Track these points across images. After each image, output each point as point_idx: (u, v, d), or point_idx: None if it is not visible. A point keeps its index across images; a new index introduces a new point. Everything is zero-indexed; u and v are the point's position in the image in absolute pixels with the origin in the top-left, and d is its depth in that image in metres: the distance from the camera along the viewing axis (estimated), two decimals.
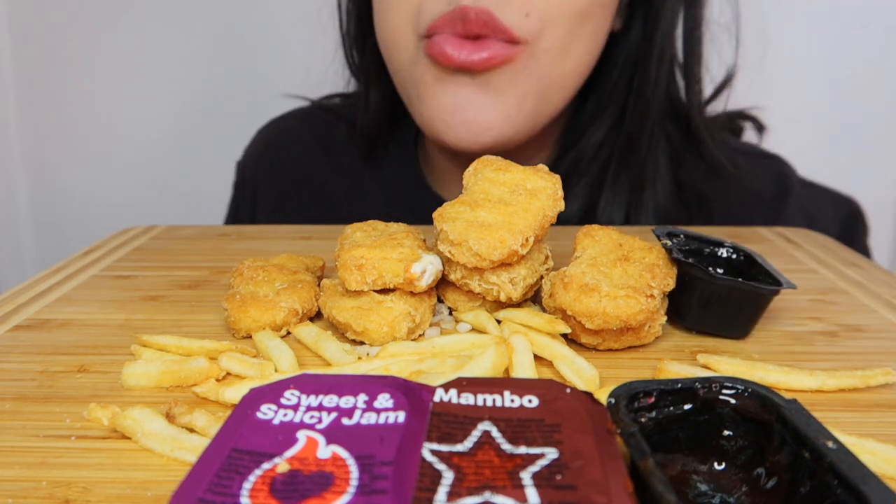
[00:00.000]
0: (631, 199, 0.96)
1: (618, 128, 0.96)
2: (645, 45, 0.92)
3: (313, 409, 0.38)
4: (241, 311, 0.58)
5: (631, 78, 0.94)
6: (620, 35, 0.94)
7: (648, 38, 0.92)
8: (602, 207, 0.96)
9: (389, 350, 0.53)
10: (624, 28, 0.94)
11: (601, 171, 0.97)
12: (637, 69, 0.93)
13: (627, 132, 0.95)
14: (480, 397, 0.39)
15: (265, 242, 0.87)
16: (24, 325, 0.61)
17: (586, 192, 0.97)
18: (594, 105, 0.97)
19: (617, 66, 0.95)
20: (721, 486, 0.39)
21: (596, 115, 0.97)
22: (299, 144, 1.13)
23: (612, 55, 0.94)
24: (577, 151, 0.97)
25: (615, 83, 0.95)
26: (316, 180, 1.10)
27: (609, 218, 0.95)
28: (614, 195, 0.96)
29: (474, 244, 0.55)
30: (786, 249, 0.84)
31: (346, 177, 1.09)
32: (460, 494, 0.31)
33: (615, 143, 0.96)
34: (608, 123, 0.96)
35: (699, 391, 0.40)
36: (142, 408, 0.44)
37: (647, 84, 0.92)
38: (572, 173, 0.97)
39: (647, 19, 0.92)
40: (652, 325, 0.56)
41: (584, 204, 0.97)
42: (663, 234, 0.62)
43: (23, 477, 0.41)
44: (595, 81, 0.95)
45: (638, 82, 0.93)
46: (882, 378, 0.51)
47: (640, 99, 0.93)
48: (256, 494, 0.31)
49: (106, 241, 0.86)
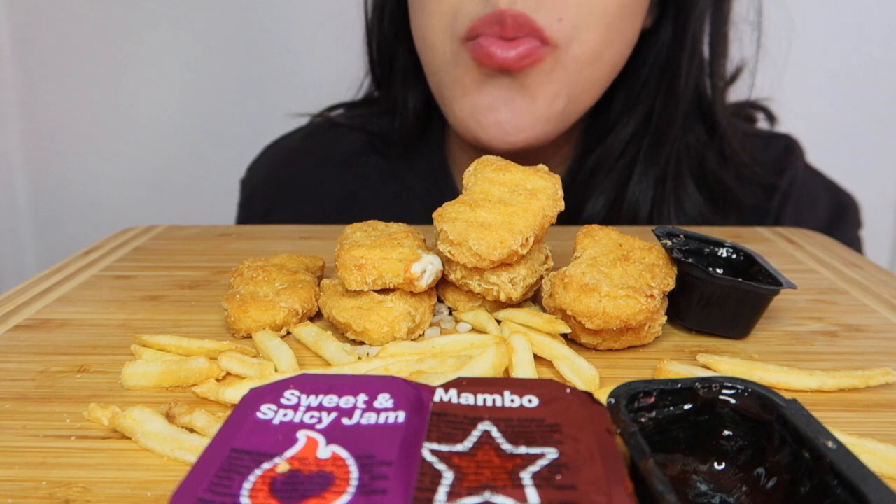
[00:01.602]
0: (656, 194, 0.97)
1: (646, 124, 0.96)
2: (676, 42, 0.93)
3: (313, 409, 0.38)
4: (241, 311, 0.58)
5: (661, 74, 0.95)
6: (650, 32, 0.95)
7: (680, 35, 0.93)
8: (628, 203, 0.96)
9: (389, 350, 0.53)
10: (654, 25, 0.95)
11: (628, 166, 0.97)
12: (668, 65, 0.94)
13: (657, 128, 0.95)
14: (480, 397, 0.39)
15: (265, 242, 0.87)
16: (23, 325, 0.61)
17: (613, 187, 0.98)
18: (622, 101, 0.98)
19: (647, 62, 0.95)
20: (721, 486, 0.39)
21: (625, 112, 0.97)
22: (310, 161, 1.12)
23: (642, 52, 0.95)
24: (605, 147, 0.98)
25: (646, 80, 0.96)
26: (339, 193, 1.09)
27: (634, 213, 0.96)
28: (641, 191, 0.96)
29: (474, 244, 0.55)
30: (786, 249, 0.84)
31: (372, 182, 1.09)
32: (460, 494, 0.31)
33: (643, 138, 0.96)
34: (638, 119, 0.97)
35: (699, 391, 0.40)
36: (141, 408, 0.44)
37: (678, 80, 0.93)
38: (599, 169, 0.98)
39: (679, 16, 0.93)
40: (652, 325, 0.56)
41: (611, 199, 0.98)
42: (663, 234, 0.62)
43: (23, 477, 0.41)
44: (624, 78, 0.95)
45: (669, 78, 0.94)
46: (882, 378, 0.51)
47: (670, 95, 0.94)
48: (256, 494, 0.31)
49: (106, 241, 0.86)
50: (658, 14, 0.95)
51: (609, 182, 0.98)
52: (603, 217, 0.97)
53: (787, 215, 1.02)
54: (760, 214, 1.02)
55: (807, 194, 1.04)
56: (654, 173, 0.96)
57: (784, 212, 1.02)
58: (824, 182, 1.08)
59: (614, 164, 0.98)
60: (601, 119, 1.00)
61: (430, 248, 0.62)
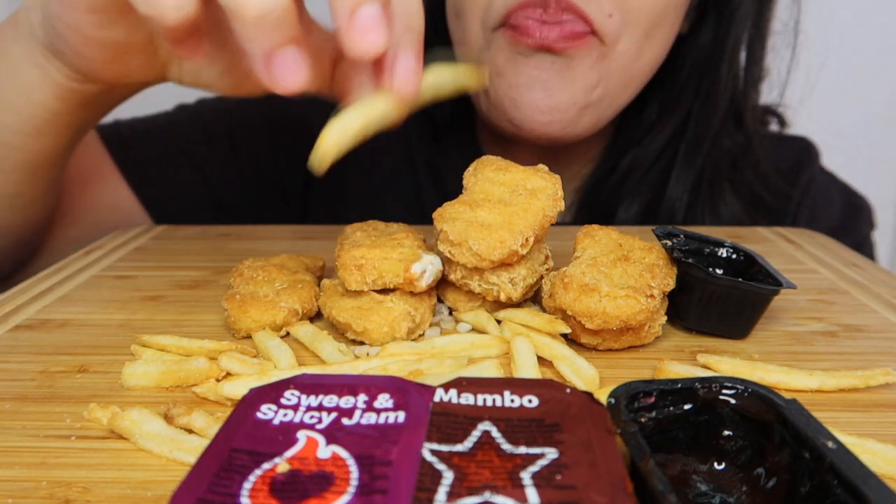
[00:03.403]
0: (691, 199, 0.97)
1: (683, 128, 0.96)
2: (716, 48, 0.93)
3: (313, 409, 0.38)
4: (241, 311, 0.58)
5: (700, 79, 0.95)
6: (688, 37, 0.95)
7: (721, 41, 0.92)
8: (665, 208, 0.96)
9: (389, 350, 0.53)
10: (691, 30, 0.95)
11: (663, 172, 0.97)
12: (707, 70, 0.94)
13: (694, 133, 0.95)
14: (480, 397, 0.39)
15: (265, 242, 0.87)
16: (24, 325, 0.61)
17: (647, 193, 0.97)
18: (659, 105, 0.98)
19: (685, 68, 0.95)
20: (721, 486, 0.39)
21: (662, 115, 0.97)
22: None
23: (679, 57, 0.95)
24: (641, 149, 0.98)
25: (683, 85, 0.96)
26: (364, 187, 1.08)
27: (669, 219, 0.96)
28: (677, 196, 0.96)
29: (474, 244, 0.55)
30: (786, 249, 0.84)
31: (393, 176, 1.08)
32: (460, 494, 0.31)
33: (679, 144, 0.96)
34: (675, 123, 0.97)
35: (699, 391, 0.40)
36: (140, 409, 0.44)
37: (717, 86, 0.93)
38: (632, 173, 0.98)
39: (720, 22, 0.92)
40: (652, 325, 0.56)
41: (645, 204, 0.98)
42: (663, 234, 0.62)
43: (23, 477, 0.41)
44: (661, 82, 0.95)
45: (707, 84, 0.94)
46: (882, 378, 0.51)
47: (708, 100, 0.94)
48: (256, 494, 0.32)
49: (106, 240, 0.86)
50: (694, 19, 0.94)
51: (644, 186, 0.97)
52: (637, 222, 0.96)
53: (803, 216, 1.03)
54: (780, 216, 1.02)
55: (822, 196, 1.05)
56: (691, 178, 0.96)
57: (800, 213, 1.03)
58: (838, 184, 1.09)
59: (649, 168, 0.98)
60: (634, 122, 0.99)
61: (430, 248, 0.62)
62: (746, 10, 0.92)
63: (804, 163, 1.06)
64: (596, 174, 1.03)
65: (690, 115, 0.96)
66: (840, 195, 1.08)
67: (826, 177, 1.09)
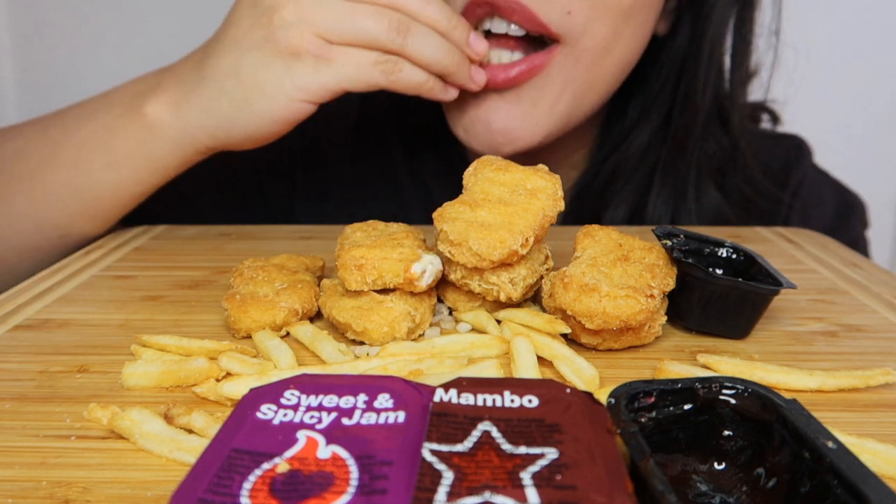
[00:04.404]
0: (677, 203, 0.96)
1: (663, 132, 0.96)
2: (693, 49, 0.92)
3: (313, 409, 0.38)
4: (241, 311, 0.58)
5: (677, 81, 0.94)
6: (666, 38, 0.94)
7: (697, 41, 0.92)
8: (650, 212, 0.96)
9: (389, 350, 0.53)
10: (669, 31, 0.94)
11: (647, 175, 0.97)
12: (684, 72, 0.93)
13: (674, 136, 0.94)
14: (480, 397, 0.39)
15: (265, 242, 0.87)
16: (24, 325, 0.61)
17: (632, 197, 0.97)
18: (637, 109, 0.97)
19: (663, 69, 0.95)
20: (721, 486, 0.39)
21: (640, 119, 0.97)
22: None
23: (657, 59, 0.94)
24: (621, 156, 0.97)
25: (661, 87, 0.95)
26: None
27: (657, 222, 0.95)
28: (662, 200, 0.96)
29: (474, 244, 0.55)
30: (786, 249, 0.84)
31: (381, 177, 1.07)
32: (460, 494, 0.31)
33: (661, 147, 0.96)
34: (653, 127, 0.96)
35: (699, 391, 0.40)
36: (140, 409, 0.44)
37: (696, 87, 0.92)
38: (615, 178, 0.97)
39: (696, 22, 0.92)
40: (652, 325, 0.56)
41: (631, 209, 0.97)
42: (663, 234, 0.62)
43: (23, 477, 0.41)
44: (639, 85, 0.95)
45: (685, 86, 0.93)
46: (882, 378, 0.51)
47: (687, 102, 0.93)
48: (256, 494, 0.32)
49: (106, 240, 0.86)
50: (674, 20, 0.94)
51: (628, 192, 0.97)
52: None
53: (795, 214, 1.02)
54: (771, 218, 1.02)
55: (814, 194, 1.04)
56: (675, 183, 0.96)
57: (791, 215, 1.02)
58: (830, 183, 1.09)
59: (632, 174, 0.97)
60: (617, 126, 0.99)
61: (430, 248, 0.62)
62: (723, 10, 0.91)
63: (795, 162, 1.05)
64: (581, 179, 1.02)
65: (671, 117, 0.95)
66: (832, 194, 1.07)
67: (818, 175, 1.08)
